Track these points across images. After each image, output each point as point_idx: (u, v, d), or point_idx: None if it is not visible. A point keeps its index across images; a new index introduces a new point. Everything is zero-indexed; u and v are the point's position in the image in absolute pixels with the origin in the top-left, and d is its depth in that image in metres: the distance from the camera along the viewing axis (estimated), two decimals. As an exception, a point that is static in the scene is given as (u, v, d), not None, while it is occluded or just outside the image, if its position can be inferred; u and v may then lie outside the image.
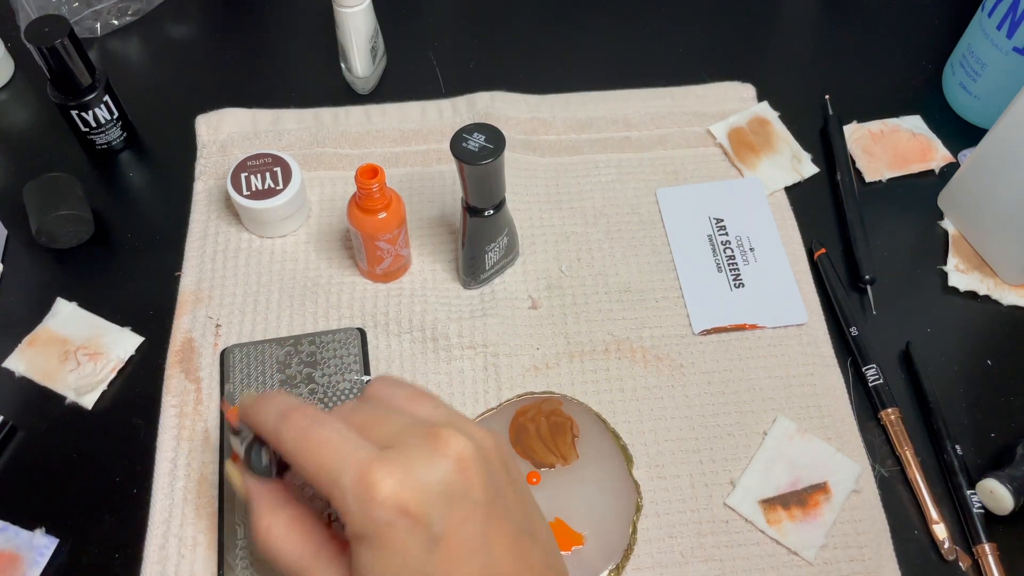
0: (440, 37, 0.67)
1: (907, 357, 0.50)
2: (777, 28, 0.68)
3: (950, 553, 0.44)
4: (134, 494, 0.46)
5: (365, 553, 0.30)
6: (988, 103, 0.59)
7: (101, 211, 0.56)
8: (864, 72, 0.65)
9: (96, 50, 0.66)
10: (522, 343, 0.51)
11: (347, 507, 0.30)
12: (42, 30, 0.51)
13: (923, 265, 0.55)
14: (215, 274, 0.53)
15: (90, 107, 0.55)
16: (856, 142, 0.60)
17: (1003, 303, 0.53)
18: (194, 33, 0.68)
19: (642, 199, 0.57)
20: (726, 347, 0.51)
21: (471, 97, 0.61)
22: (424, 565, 0.30)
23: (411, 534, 0.30)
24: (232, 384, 0.48)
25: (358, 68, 0.61)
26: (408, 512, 0.30)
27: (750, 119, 0.60)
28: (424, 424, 0.33)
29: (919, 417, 0.49)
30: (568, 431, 0.46)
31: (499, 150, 0.43)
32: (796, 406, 0.49)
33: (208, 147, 0.59)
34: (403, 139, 0.59)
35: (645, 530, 0.45)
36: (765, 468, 0.46)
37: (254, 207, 0.52)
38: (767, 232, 0.55)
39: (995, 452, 0.47)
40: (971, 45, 0.59)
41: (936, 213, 0.57)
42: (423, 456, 0.31)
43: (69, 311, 0.51)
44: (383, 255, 0.50)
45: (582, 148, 0.59)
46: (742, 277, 0.53)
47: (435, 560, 0.30)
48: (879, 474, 0.47)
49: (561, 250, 0.55)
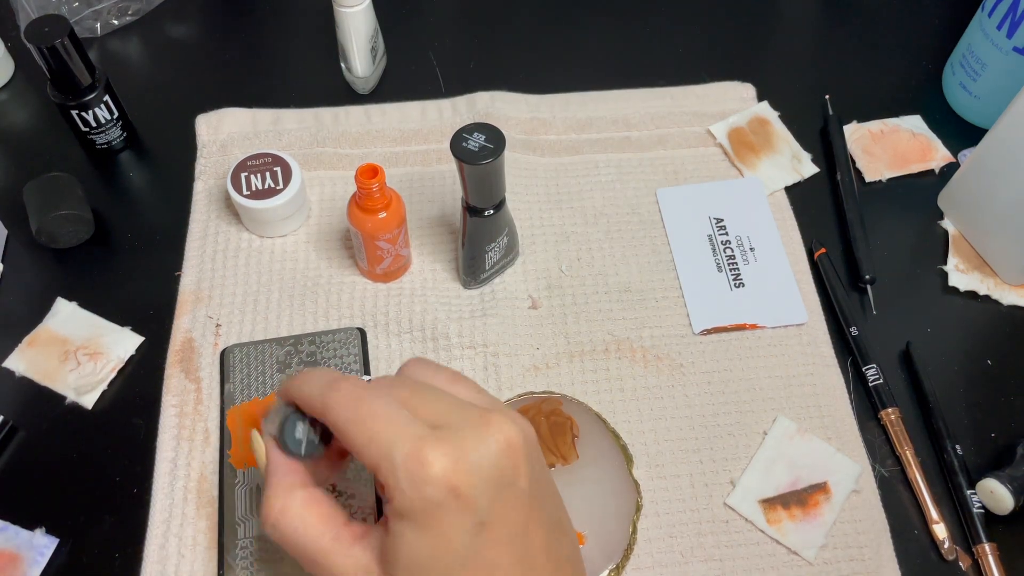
0: (440, 37, 0.67)
1: (907, 357, 0.50)
2: (777, 28, 0.68)
3: (950, 553, 0.44)
4: (134, 494, 0.46)
5: (409, 532, 0.30)
6: (988, 103, 0.59)
7: (101, 211, 0.56)
8: (864, 72, 0.65)
9: (96, 50, 0.66)
10: (522, 343, 0.51)
11: (397, 482, 0.29)
12: (42, 30, 0.51)
13: (923, 265, 0.55)
14: (215, 274, 0.53)
15: (90, 107, 0.55)
16: (856, 142, 0.60)
17: (1003, 303, 0.53)
18: (194, 33, 0.68)
19: (642, 199, 0.57)
20: (726, 347, 0.51)
21: (471, 97, 0.61)
22: (467, 549, 0.30)
23: (460, 516, 0.29)
24: (232, 384, 0.48)
25: (358, 68, 0.61)
26: (459, 493, 0.29)
27: (750, 119, 0.60)
28: (471, 407, 0.32)
29: (919, 417, 0.49)
30: (568, 431, 0.46)
31: (499, 150, 0.43)
32: (796, 406, 0.49)
33: (208, 147, 0.59)
34: (403, 139, 0.59)
35: (645, 530, 0.45)
36: (765, 468, 0.46)
37: (254, 207, 0.52)
38: (767, 232, 0.55)
39: (995, 452, 0.47)
40: (971, 45, 0.59)
41: (936, 213, 0.57)
42: (475, 439, 0.30)
43: (69, 311, 0.51)
44: (383, 255, 0.50)
45: (582, 148, 0.59)
46: (742, 277, 0.53)
47: (477, 545, 0.30)
48: (879, 474, 0.47)
49: (561, 250, 0.55)
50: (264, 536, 0.43)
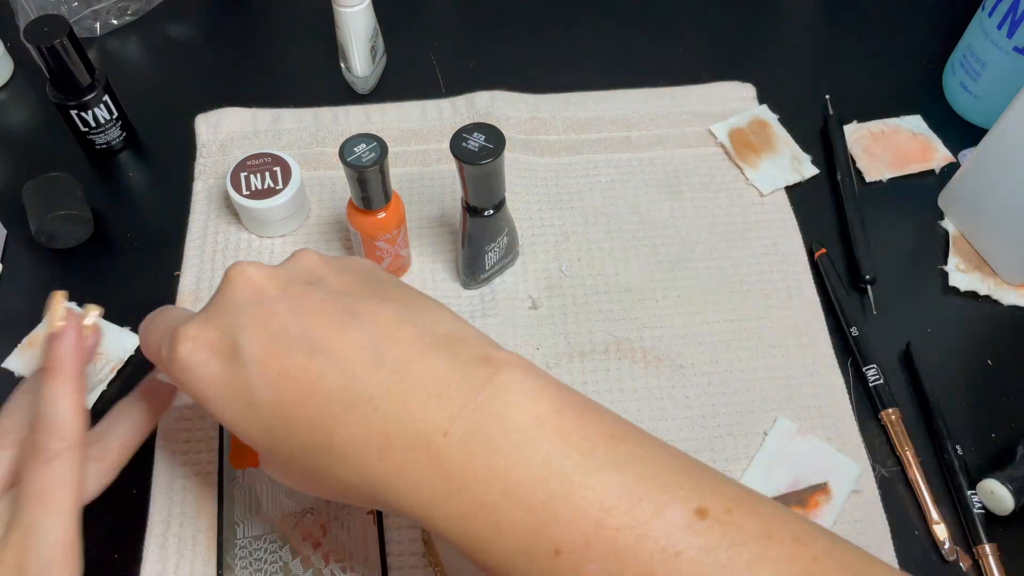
0: (440, 37, 0.67)
1: (907, 357, 0.50)
2: (777, 28, 0.68)
3: (951, 553, 0.44)
4: (134, 494, 0.46)
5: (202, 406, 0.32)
6: (988, 103, 0.59)
7: (101, 211, 0.56)
8: (864, 72, 0.65)
9: (96, 50, 0.66)
10: (522, 343, 0.51)
11: (173, 377, 0.32)
12: (41, 30, 0.51)
13: (923, 265, 0.55)
14: (215, 274, 0.53)
15: (89, 107, 0.55)
16: (856, 142, 0.60)
17: (1003, 303, 0.53)
18: (194, 33, 0.68)
19: (642, 199, 0.57)
20: (726, 347, 0.51)
21: (471, 97, 0.61)
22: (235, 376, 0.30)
23: (212, 361, 0.31)
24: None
25: (358, 68, 0.61)
26: (208, 347, 0.31)
27: (750, 120, 0.60)
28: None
29: (919, 417, 0.49)
30: (568, 431, 0.46)
31: (499, 150, 0.43)
32: (796, 406, 0.49)
33: (208, 147, 0.59)
34: (403, 139, 0.59)
35: (645, 530, 0.44)
36: (765, 468, 0.46)
37: (254, 207, 0.51)
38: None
39: (995, 452, 0.47)
40: (971, 45, 0.59)
41: (936, 213, 0.57)
42: (217, 298, 0.33)
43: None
44: (382, 255, 0.50)
45: (582, 148, 0.59)
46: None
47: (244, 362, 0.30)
48: (879, 474, 0.47)
49: (561, 250, 0.55)
50: (264, 536, 0.43)
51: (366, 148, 0.44)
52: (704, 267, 0.54)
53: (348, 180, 0.46)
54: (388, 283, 0.34)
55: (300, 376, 0.30)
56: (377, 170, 0.44)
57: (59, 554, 0.32)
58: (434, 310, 0.33)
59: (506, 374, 0.29)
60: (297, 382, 0.30)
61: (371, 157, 0.44)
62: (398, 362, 0.30)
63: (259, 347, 0.30)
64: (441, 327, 0.31)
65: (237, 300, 0.32)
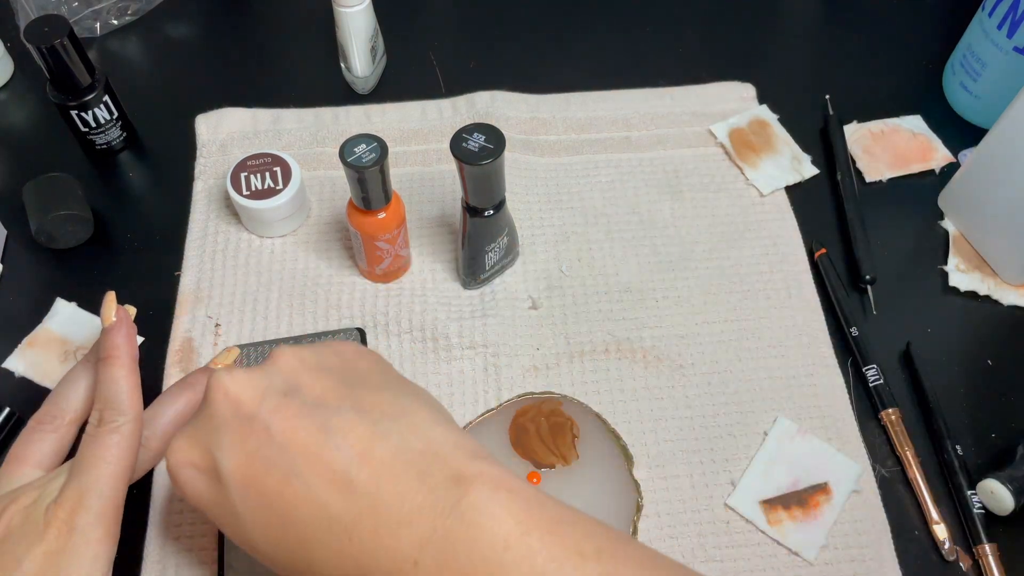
0: (440, 37, 0.67)
1: (907, 357, 0.50)
2: (777, 28, 0.68)
3: (951, 553, 0.44)
4: (134, 494, 0.45)
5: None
6: (988, 103, 0.59)
7: (101, 211, 0.56)
8: (864, 72, 0.65)
9: (96, 50, 0.66)
10: (522, 343, 0.51)
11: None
12: (42, 30, 0.51)
13: (923, 265, 0.55)
14: (215, 274, 0.53)
15: (90, 107, 0.55)
16: (856, 142, 0.60)
17: (1003, 303, 0.53)
18: (194, 33, 0.68)
19: (642, 199, 0.57)
20: (726, 347, 0.51)
21: (471, 97, 0.61)
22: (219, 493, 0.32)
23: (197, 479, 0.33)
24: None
25: (358, 68, 0.61)
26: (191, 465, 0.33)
27: (750, 120, 0.60)
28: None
29: (919, 417, 0.49)
30: (568, 431, 0.46)
31: (499, 150, 0.43)
32: (796, 406, 0.49)
33: (208, 147, 0.59)
34: (403, 139, 0.59)
35: (645, 530, 0.45)
36: (765, 468, 0.46)
37: (254, 207, 0.51)
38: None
39: (995, 452, 0.47)
40: (971, 45, 0.59)
41: (936, 213, 0.57)
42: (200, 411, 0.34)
43: (69, 311, 0.51)
44: (382, 255, 0.50)
45: (582, 148, 0.59)
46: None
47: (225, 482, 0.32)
48: (879, 474, 0.47)
49: (561, 250, 0.55)
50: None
51: (366, 148, 0.44)
52: (704, 267, 0.54)
53: (348, 180, 0.46)
54: (368, 380, 0.35)
55: (277, 501, 0.31)
56: (377, 170, 0.44)
57: (110, 515, 0.35)
58: (413, 412, 0.33)
59: (475, 494, 0.30)
60: (274, 508, 0.31)
61: (371, 157, 0.44)
62: (371, 486, 0.30)
63: (236, 467, 0.31)
64: (417, 440, 0.32)
65: (215, 416, 0.33)
